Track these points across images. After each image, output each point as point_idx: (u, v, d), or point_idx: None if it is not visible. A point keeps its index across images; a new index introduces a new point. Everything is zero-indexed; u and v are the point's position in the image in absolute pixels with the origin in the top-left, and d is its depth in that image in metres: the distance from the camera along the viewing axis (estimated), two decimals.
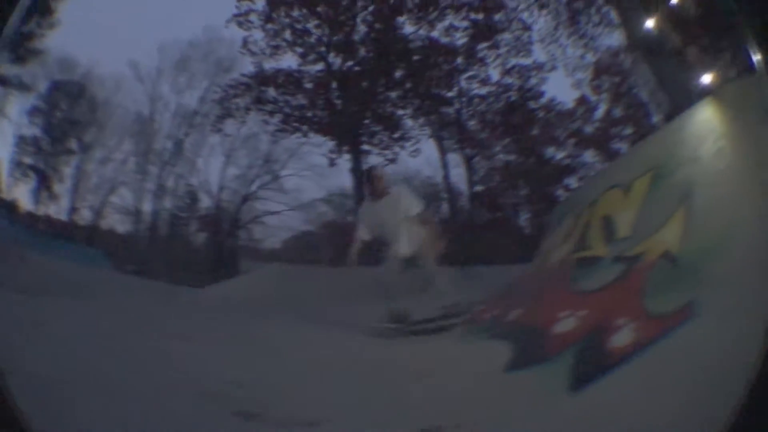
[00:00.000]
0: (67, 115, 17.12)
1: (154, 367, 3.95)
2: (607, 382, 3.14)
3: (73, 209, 17.00)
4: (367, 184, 6.66)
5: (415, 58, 17.76)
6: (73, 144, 17.36)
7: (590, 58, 17.03)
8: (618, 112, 18.28)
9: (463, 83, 18.03)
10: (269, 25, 17.43)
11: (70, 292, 6.90)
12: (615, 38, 16.34)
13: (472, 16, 17.72)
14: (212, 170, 19.26)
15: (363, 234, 6.52)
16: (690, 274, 3.64)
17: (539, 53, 17.61)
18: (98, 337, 4.50)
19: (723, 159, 4.14)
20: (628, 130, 16.87)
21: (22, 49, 13.52)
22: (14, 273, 6.52)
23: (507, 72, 17.85)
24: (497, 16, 17.70)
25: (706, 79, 4.94)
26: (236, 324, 6.97)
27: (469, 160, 18.50)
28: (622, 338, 3.45)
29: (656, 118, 12.28)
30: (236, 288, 13.02)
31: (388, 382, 4.20)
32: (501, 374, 3.97)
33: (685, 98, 5.51)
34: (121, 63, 16.70)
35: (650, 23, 7.73)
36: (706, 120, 4.65)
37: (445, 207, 19.34)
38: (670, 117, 7.05)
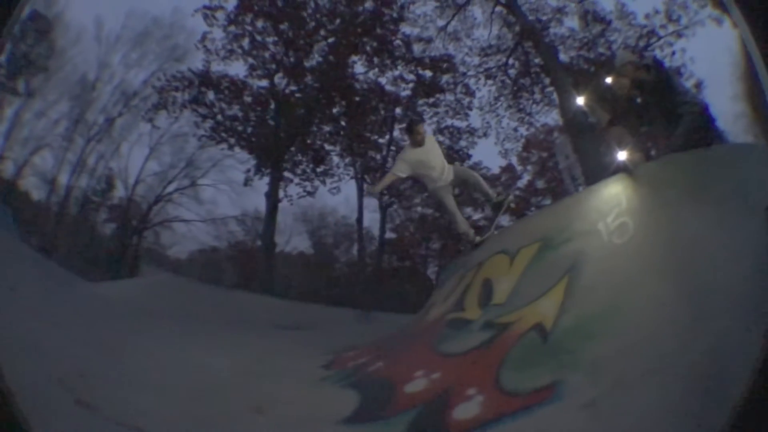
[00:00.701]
0: (28, 51, 16.21)
1: (16, 346, 3.57)
2: None
3: (1, 157, 16.15)
4: (410, 135, 7.14)
5: (357, 98, 17.78)
6: (20, 85, 16.43)
7: (523, 131, 17.77)
8: (541, 183, 19.08)
9: (396, 132, 18.15)
10: (231, 28, 17.18)
11: None
12: (552, 117, 17.25)
13: (421, 71, 18.05)
14: (134, 159, 18.71)
15: (400, 170, 7.04)
16: (560, 352, 3.42)
17: (475, 119, 18.15)
18: None
19: (623, 235, 4.00)
20: (547, 201, 17.53)
21: None
22: None
23: (440, 130, 18.22)
24: (445, 77, 18.09)
25: (621, 156, 4.86)
26: (114, 324, 6.69)
27: (386, 208, 18.69)
28: (466, 410, 3.17)
29: (575, 192, 12.58)
30: (128, 290, 12.30)
31: (228, 411, 3.91)
32: (336, 424, 3.63)
33: (602, 175, 5.47)
34: (90, 14, 16.28)
35: (579, 100, 7.87)
36: (612, 196, 4.55)
37: (354, 248, 19.33)
38: None
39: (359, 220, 18.08)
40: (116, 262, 17.52)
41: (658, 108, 5.05)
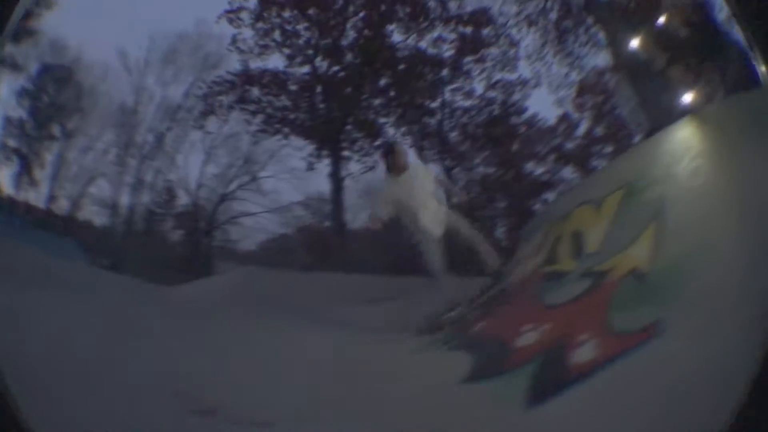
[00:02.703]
0: (53, 100, 16.81)
1: (121, 366, 3.86)
2: (564, 399, 3.05)
3: (52, 197, 16.68)
4: (389, 159, 6.55)
5: (401, 67, 17.72)
6: (56, 130, 17.02)
7: (575, 76, 17.12)
8: (600, 130, 18.43)
9: (447, 95, 18.00)
10: (259, 24, 17.21)
11: (40, 282, 6.49)
12: (601, 58, 16.58)
13: (461, 29, 17.77)
14: (191, 167, 19.06)
15: (380, 212, 6.44)
16: (658, 292, 3.61)
17: (525, 69, 17.63)
18: (65, 331, 4.36)
19: (699, 177, 4.12)
20: (609, 149, 17.03)
21: (18, 27, 13.20)
22: None
23: (491, 86, 17.89)
24: (485, 31, 17.74)
25: (687, 98, 4.91)
26: (204, 324, 6.81)
27: (448, 171, 18.11)
28: (583, 354, 3.38)
29: (637, 138, 12.28)
30: (209, 288, 12.73)
31: (341, 387, 4.13)
32: (457, 385, 3.87)
33: (665, 117, 5.49)
34: (110, 50, 16.41)
35: (635, 43, 7.75)
36: (684, 138, 4.67)
37: None
38: (650, 136, 7.04)
39: None
40: (189, 264, 18.11)
41: (707, 46, 5.05)
